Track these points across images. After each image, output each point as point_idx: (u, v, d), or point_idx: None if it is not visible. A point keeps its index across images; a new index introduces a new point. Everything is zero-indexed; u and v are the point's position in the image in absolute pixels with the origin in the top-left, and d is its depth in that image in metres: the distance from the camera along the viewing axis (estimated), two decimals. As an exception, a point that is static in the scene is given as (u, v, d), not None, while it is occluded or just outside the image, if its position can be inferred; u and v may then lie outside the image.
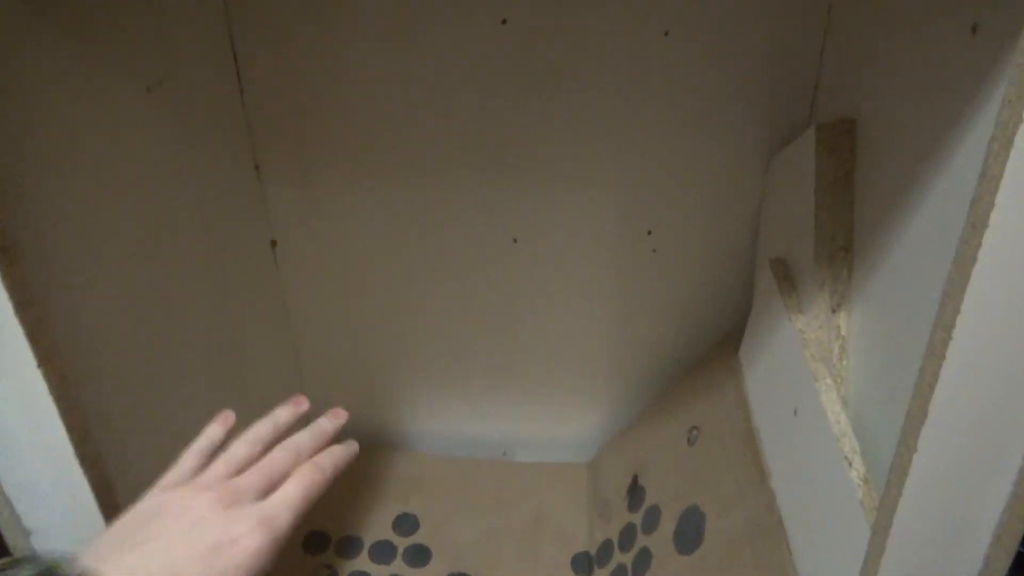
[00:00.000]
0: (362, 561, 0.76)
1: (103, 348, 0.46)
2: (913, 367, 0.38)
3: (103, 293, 0.47)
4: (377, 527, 0.80)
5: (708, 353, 0.77)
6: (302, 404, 0.43)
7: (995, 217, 0.32)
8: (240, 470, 0.38)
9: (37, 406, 0.38)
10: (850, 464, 0.47)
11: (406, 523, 0.80)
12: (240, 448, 0.40)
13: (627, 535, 0.73)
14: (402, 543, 0.78)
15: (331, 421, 0.42)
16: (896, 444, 0.38)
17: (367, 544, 0.78)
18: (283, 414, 0.42)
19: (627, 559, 0.71)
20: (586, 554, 0.77)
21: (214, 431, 0.41)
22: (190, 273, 0.60)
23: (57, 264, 0.42)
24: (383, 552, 0.77)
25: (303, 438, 0.41)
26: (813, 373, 0.53)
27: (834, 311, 0.56)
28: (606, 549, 0.75)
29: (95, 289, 0.46)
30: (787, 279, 0.62)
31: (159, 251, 0.55)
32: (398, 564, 0.76)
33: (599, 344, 0.82)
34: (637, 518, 0.73)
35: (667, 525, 0.69)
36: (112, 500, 0.42)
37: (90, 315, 0.45)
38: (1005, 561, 0.39)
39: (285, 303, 0.81)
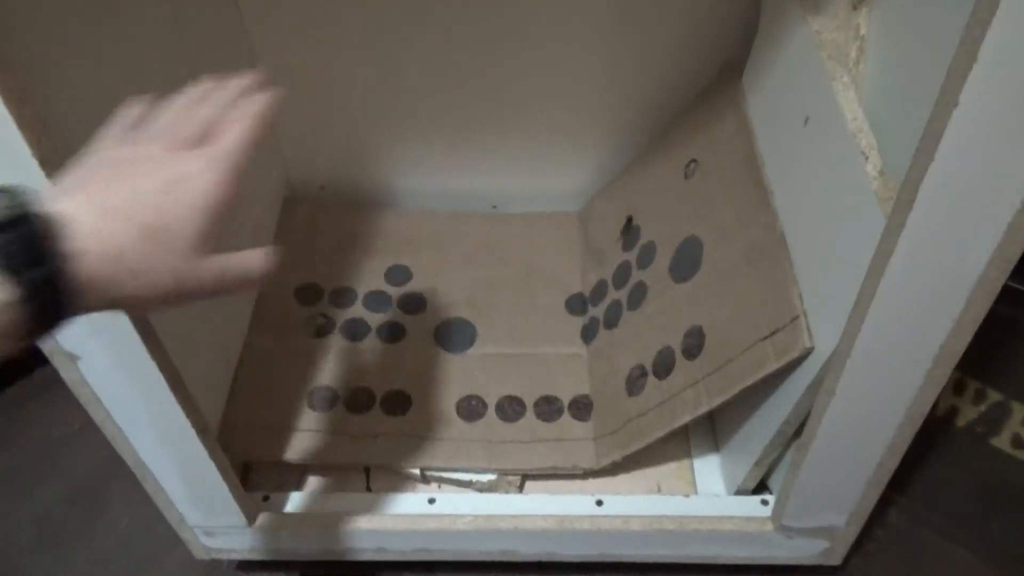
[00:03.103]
0: (357, 309, 0.76)
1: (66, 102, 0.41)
2: (938, 65, 0.34)
3: (59, 47, 0.41)
4: (369, 278, 0.79)
5: (707, 85, 0.73)
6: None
7: None
8: (173, 129, 0.36)
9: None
10: (866, 158, 0.45)
11: (398, 274, 0.80)
12: (166, 111, 0.38)
13: (621, 273, 0.73)
14: (396, 292, 0.78)
15: (247, 77, 0.39)
16: (924, 125, 0.35)
17: (361, 294, 0.78)
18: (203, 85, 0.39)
19: (621, 295, 0.72)
20: (580, 295, 0.78)
21: (138, 104, 0.38)
22: (148, 27, 0.53)
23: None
24: (377, 301, 0.77)
25: (222, 93, 0.38)
26: (829, 73, 0.50)
27: (855, 7, 0.51)
28: (600, 288, 0.76)
29: (50, 32, 0.40)
30: (802, -20, 0.56)
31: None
32: (393, 311, 0.76)
33: (589, 85, 0.77)
34: (632, 256, 0.73)
35: (662, 259, 0.68)
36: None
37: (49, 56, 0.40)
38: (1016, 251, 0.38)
39: (252, 52, 0.75)
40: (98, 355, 0.46)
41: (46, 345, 0.45)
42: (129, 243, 0.32)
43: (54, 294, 0.29)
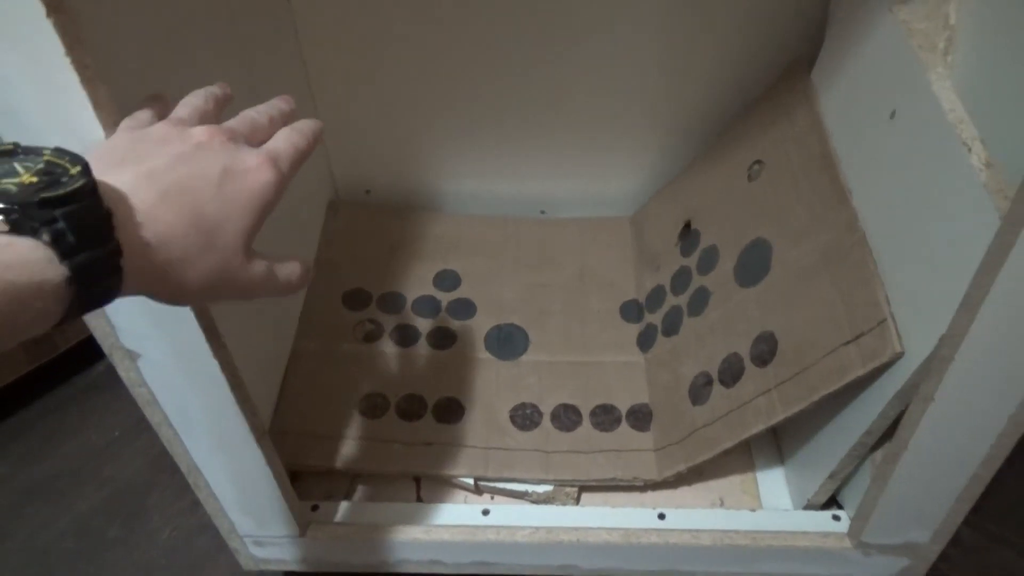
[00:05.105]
0: (406, 315, 0.74)
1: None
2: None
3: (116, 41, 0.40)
4: (418, 284, 0.77)
5: (771, 85, 0.71)
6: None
7: None
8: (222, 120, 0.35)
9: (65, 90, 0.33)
10: (969, 149, 0.42)
11: (447, 279, 0.78)
12: (204, 100, 0.36)
13: (680, 278, 0.71)
14: (445, 298, 0.76)
15: (286, 102, 0.38)
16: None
17: (409, 299, 0.76)
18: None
19: (681, 301, 0.69)
20: (635, 302, 0.75)
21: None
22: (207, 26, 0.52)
23: None
24: (426, 306, 0.75)
25: (266, 108, 0.37)
26: (922, 63, 0.47)
27: (945, -4, 0.49)
28: (657, 295, 0.73)
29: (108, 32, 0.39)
30: (883, -29, 0.54)
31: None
32: (443, 317, 0.74)
33: (641, 87, 0.75)
34: (691, 261, 0.70)
35: (726, 263, 0.66)
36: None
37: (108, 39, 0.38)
38: None
39: (301, 56, 0.73)
40: (159, 353, 0.44)
41: (105, 341, 0.44)
42: (180, 230, 0.29)
43: (100, 279, 0.27)
